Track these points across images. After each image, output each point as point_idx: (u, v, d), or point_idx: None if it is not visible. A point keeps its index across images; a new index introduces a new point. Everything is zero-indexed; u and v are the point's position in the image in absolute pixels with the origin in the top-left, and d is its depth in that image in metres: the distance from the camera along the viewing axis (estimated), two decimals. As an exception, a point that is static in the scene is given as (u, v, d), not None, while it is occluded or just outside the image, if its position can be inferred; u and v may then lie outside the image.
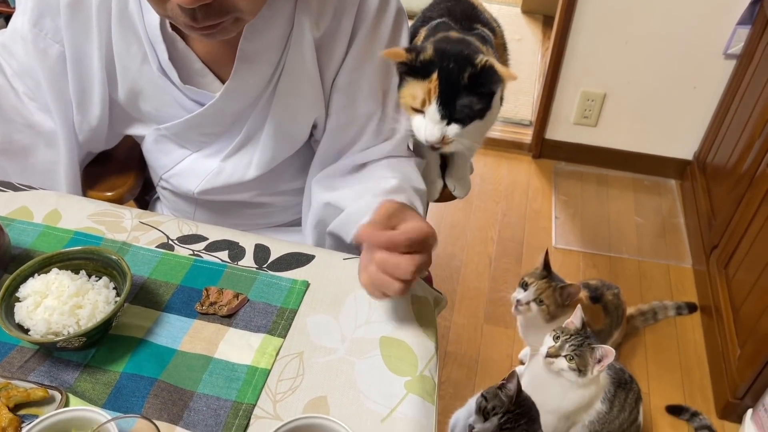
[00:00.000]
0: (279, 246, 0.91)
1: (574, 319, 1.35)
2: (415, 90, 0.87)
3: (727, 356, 1.71)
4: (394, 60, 0.88)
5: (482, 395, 1.17)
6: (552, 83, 2.32)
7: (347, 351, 0.78)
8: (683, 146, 2.38)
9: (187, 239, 0.91)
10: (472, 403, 1.21)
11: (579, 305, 1.39)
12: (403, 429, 0.71)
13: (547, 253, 1.51)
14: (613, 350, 1.30)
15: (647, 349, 1.87)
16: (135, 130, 1.01)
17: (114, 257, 0.79)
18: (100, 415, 0.65)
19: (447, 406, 1.23)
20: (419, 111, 0.89)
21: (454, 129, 0.88)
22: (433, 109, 0.86)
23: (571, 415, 1.43)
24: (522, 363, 1.81)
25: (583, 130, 2.43)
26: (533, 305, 1.49)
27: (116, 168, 1.13)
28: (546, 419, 1.43)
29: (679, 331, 1.93)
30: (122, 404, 0.71)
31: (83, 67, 0.92)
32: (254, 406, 0.72)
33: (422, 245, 0.72)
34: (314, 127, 0.96)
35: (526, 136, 2.55)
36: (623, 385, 1.43)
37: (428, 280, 1.71)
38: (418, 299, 0.85)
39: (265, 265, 0.88)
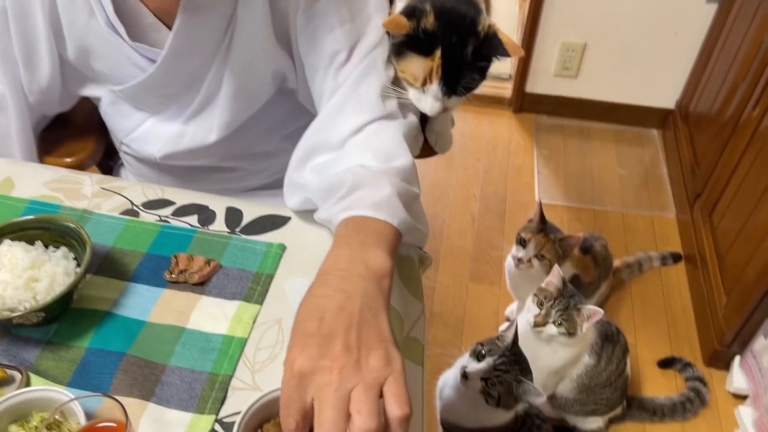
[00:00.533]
0: (252, 208, 0.86)
1: (553, 278, 1.31)
2: (416, 68, 0.82)
3: (713, 305, 1.70)
4: (395, 32, 0.81)
5: (478, 343, 1.15)
6: (531, 35, 2.26)
7: (329, 315, 0.74)
8: (665, 95, 2.34)
9: (152, 204, 0.85)
10: (460, 364, 1.18)
11: (556, 264, 1.35)
12: (390, 394, 0.68)
13: (540, 204, 1.47)
14: (601, 310, 1.27)
15: (633, 300, 1.86)
16: (90, 91, 0.94)
17: (71, 225, 0.73)
18: (63, 394, 0.61)
19: (434, 366, 1.20)
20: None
21: (454, 101, 0.84)
22: (435, 88, 0.82)
23: (560, 371, 1.41)
24: (508, 320, 1.79)
25: (563, 82, 2.37)
26: (535, 261, 1.45)
27: (75, 132, 1.05)
28: (535, 376, 1.41)
29: (665, 281, 1.92)
30: (89, 382, 0.67)
31: (27, 22, 0.85)
32: (231, 377, 0.68)
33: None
34: (284, 80, 0.90)
35: (506, 90, 2.49)
36: (610, 338, 1.41)
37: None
38: (402, 258, 0.81)
39: (237, 229, 0.83)
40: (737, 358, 1.60)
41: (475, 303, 1.84)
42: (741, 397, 1.57)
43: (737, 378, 1.57)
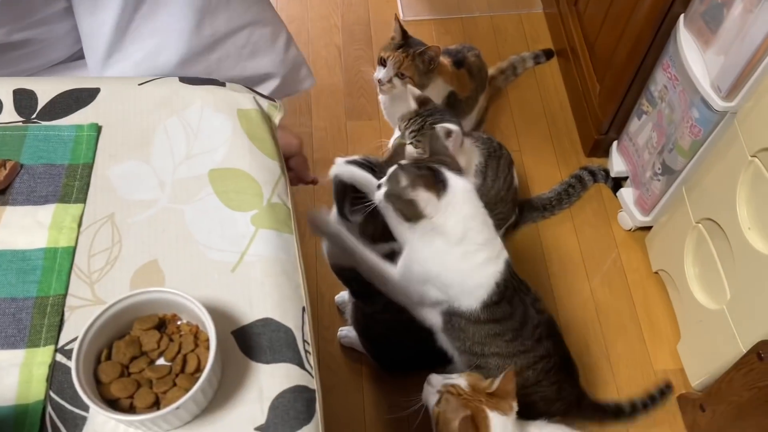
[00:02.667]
0: (47, 86, 0.69)
1: (410, 100, 1.24)
2: None
3: (588, 95, 1.70)
4: None
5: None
6: None
7: (171, 198, 0.62)
8: None
9: None
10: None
11: (409, 85, 1.27)
12: (260, 272, 0.59)
13: (397, 19, 1.35)
14: (456, 127, 1.21)
15: (512, 106, 1.83)
16: None
17: None
18: None
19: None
20: None
21: None
22: None
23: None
24: (393, 151, 1.73)
25: None
26: (396, 81, 1.36)
27: None
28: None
29: (540, 80, 1.89)
30: None
31: None
32: (65, 296, 0.57)
33: None
34: None
35: None
36: (493, 154, 1.38)
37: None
38: (245, 114, 0.68)
39: (33, 116, 0.66)
40: (615, 143, 1.64)
41: (357, 141, 1.75)
42: (622, 180, 1.63)
43: (616, 162, 1.61)
